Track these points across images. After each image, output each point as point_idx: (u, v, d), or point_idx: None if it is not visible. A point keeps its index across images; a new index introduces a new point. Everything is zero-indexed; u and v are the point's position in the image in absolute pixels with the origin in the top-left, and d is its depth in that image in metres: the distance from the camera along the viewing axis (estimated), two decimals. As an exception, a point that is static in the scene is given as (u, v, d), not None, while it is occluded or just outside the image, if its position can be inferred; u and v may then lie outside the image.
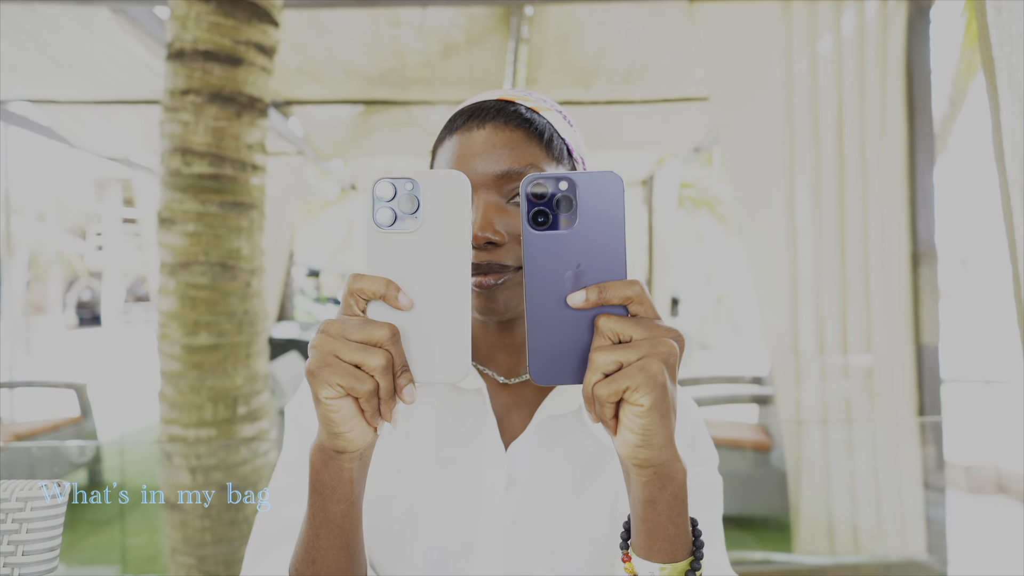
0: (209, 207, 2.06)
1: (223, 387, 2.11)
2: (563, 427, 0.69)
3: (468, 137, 0.65)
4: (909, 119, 2.44)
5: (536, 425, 0.68)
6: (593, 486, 0.68)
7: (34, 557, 0.70)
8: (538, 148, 0.65)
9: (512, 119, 0.64)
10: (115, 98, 3.48)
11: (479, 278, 0.63)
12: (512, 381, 0.71)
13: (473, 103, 0.68)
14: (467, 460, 0.67)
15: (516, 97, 0.68)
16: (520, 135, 0.64)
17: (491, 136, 0.64)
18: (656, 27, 2.74)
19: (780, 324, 2.50)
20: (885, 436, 2.50)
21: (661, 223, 5.63)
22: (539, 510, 0.66)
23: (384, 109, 3.77)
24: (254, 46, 2.12)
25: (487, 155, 0.63)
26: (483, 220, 0.62)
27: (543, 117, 0.67)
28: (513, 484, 0.66)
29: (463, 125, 0.66)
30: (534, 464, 0.67)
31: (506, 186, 0.63)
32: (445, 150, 0.67)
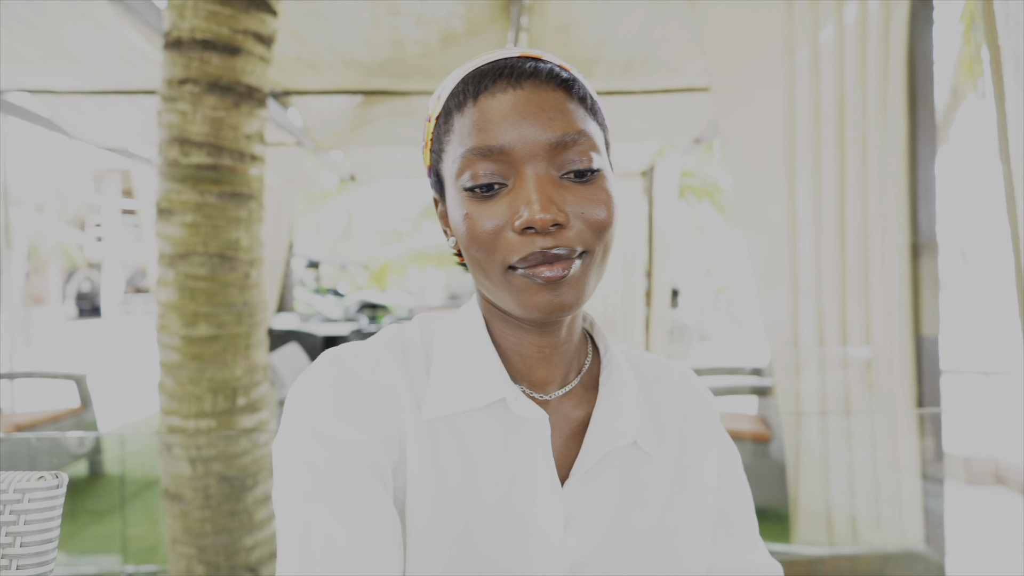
0: (208, 198, 2.05)
1: (223, 378, 2.11)
2: (616, 455, 0.61)
3: (502, 99, 0.52)
4: (911, 110, 2.43)
5: (593, 462, 0.59)
6: (649, 508, 0.61)
7: (32, 548, 0.70)
8: (585, 112, 0.54)
9: (552, 78, 0.53)
10: (113, 88, 3.46)
11: (544, 268, 0.52)
12: (552, 397, 0.61)
13: (492, 61, 0.55)
14: (519, 498, 0.57)
15: (541, 55, 0.56)
16: (563, 96, 0.53)
17: (534, 97, 0.52)
18: (657, 17, 2.73)
19: (780, 315, 2.49)
20: (884, 427, 2.50)
21: (661, 214, 5.62)
22: (600, 549, 0.57)
23: (383, 99, 3.76)
24: (252, 35, 2.10)
25: (534, 119, 0.51)
26: (542, 197, 0.50)
27: (576, 77, 0.56)
28: (571, 523, 0.57)
29: (492, 85, 0.53)
30: (589, 500, 0.58)
31: (559, 156, 0.52)
32: (466, 118, 0.53)
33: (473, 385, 0.58)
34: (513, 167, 0.52)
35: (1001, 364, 8.44)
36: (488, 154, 0.52)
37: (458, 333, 0.62)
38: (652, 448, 0.62)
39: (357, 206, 18.30)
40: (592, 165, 0.53)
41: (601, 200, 0.53)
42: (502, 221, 0.52)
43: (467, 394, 0.58)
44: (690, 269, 16.39)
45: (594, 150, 0.53)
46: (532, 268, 0.52)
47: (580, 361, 0.64)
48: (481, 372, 0.58)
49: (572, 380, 0.63)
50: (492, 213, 0.52)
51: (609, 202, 0.54)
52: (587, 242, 0.53)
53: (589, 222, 0.53)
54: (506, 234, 0.52)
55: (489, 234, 0.52)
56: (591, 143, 0.53)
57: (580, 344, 0.65)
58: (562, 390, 0.62)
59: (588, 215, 0.53)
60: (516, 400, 0.58)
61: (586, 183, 0.53)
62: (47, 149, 19.69)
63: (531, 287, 0.52)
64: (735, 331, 16.13)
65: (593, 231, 0.53)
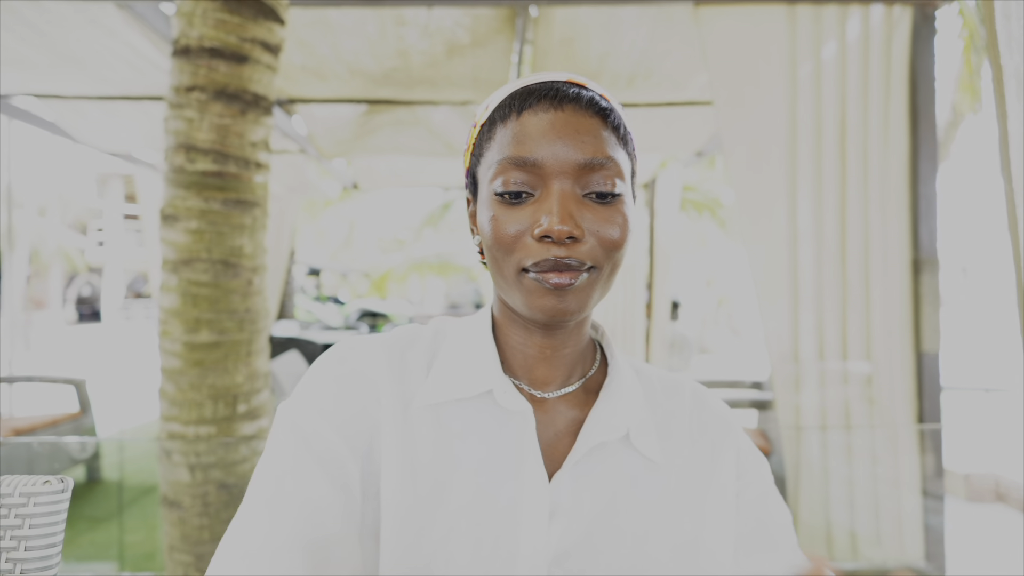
0: (212, 204, 2.06)
1: (223, 385, 2.11)
2: (609, 451, 0.63)
3: (543, 118, 0.57)
4: (912, 126, 2.44)
5: (582, 453, 0.61)
6: (642, 509, 0.62)
7: (36, 553, 0.70)
8: (616, 140, 0.58)
9: (591, 106, 0.58)
10: (119, 94, 3.48)
11: (554, 274, 0.56)
12: (550, 395, 0.64)
13: (540, 82, 0.59)
14: (504, 489, 0.59)
15: (585, 82, 0.61)
16: (599, 123, 0.58)
17: (572, 119, 0.57)
18: (660, 31, 2.74)
19: (780, 329, 2.50)
20: (884, 443, 2.50)
21: (662, 226, 5.63)
22: (584, 543, 0.59)
23: (388, 109, 3.78)
24: (260, 44, 2.12)
25: (568, 140, 0.56)
26: (562, 211, 0.55)
27: (615, 108, 0.60)
28: (556, 515, 0.59)
29: (536, 104, 0.57)
30: (578, 493, 0.60)
31: (584, 177, 0.56)
32: (508, 130, 0.58)
33: (465, 376, 0.62)
34: (542, 180, 0.57)
35: (1002, 381, 8.43)
36: (522, 165, 0.56)
37: (466, 331, 0.66)
38: (651, 451, 0.64)
39: (359, 214, 18.36)
40: (614, 190, 0.57)
41: (617, 222, 0.58)
42: (524, 227, 0.57)
43: (457, 384, 0.62)
44: (691, 281, 16.40)
45: (619, 176, 0.58)
46: (543, 273, 0.56)
47: (585, 367, 0.67)
48: (475, 365, 0.63)
49: (574, 383, 0.66)
50: (516, 219, 0.57)
51: (624, 225, 0.58)
52: (597, 258, 0.57)
53: (602, 240, 0.57)
54: (525, 239, 0.57)
55: (511, 237, 0.57)
56: (617, 169, 0.58)
57: (587, 351, 0.68)
58: (562, 390, 0.65)
59: (602, 234, 0.57)
60: (504, 392, 0.61)
61: (606, 204, 0.58)
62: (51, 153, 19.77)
63: (539, 290, 0.57)
64: (735, 344, 16.11)
65: (605, 249, 0.57)
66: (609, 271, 0.59)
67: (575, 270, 0.56)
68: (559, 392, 0.65)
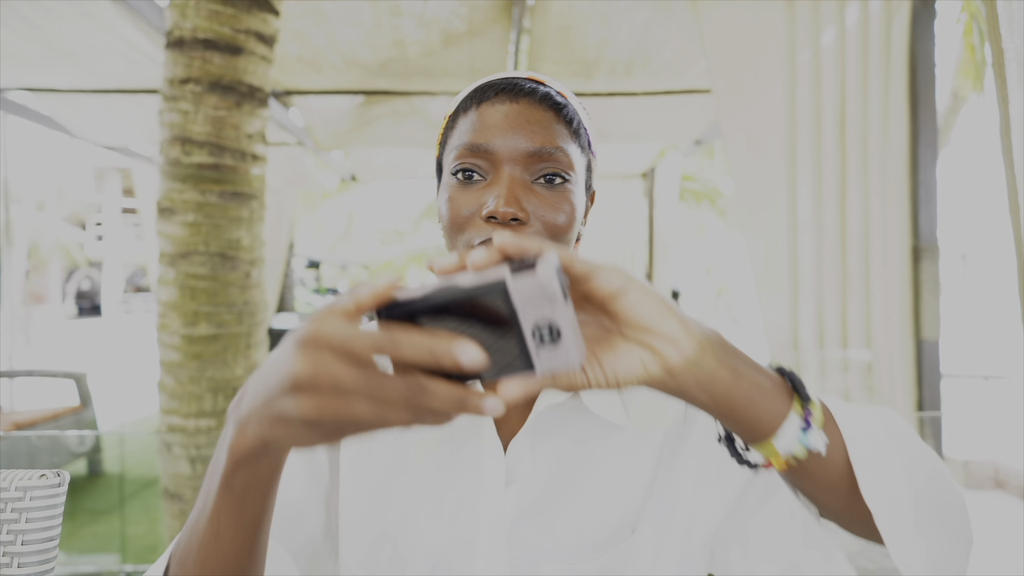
0: (209, 197, 2.05)
1: (223, 377, 2.11)
2: (563, 415, 0.66)
3: (499, 109, 0.62)
4: (912, 112, 2.42)
5: (535, 418, 0.64)
6: (599, 470, 0.65)
7: (33, 547, 0.70)
8: (568, 133, 0.63)
9: (545, 100, 0.62)
10: (115, 87, 3.46)
11: None
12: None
13: (503, 78, 0.65)
14: (463, 460, 0.64)
15: (546, 80, 0.66)
16: (552, 116, 0.62)
17: (525, 112, 0.61)
18: (658, 19, 2.73)
19: (780, 318, 2.49)
20: (884, 430, 2.50)
21: (662, 216, 5.62)
22: (540, 504, 0.63)
23: (385, 99, 3.76)
24: (254, 35, 2.11)
25: (519, 129, 0.60)
26: (508, 194, 0.59)
27: (571, 104, 0.65)
28: (512, 481, 0.63)
29: (494, 96, 0.62)
30: (535, 459, 0.64)
31: (534, 165, 0.61)
32: (469, 119, 0.63)
33: None
34: (494, 165, 0.61)
35: (1002, 368, 8.44)
36: (476, 150, 0.61)
37: None
38: (610, 414, 0.64)
39: (358, 206, 18.32)
40: (562, 174, 0.61)
41: (563, 208, 0.61)
42: (474, 208, 0.61)
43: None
44: (690, 271, 16.40)
45: (568, 167, 0.62)
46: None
47: None
48: None
49: None
50: (468, 200, 0.61)
51: (571, 212, 0.62)
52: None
53: (547, 224, 0.61)
54: (475, 219, 0.61)
55: (462, 217, 0.61)
56: (567, 160, 0.62)
57: None
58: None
59: (547, 218, 0.61)
60: None
61: (553, 191, 0.61)
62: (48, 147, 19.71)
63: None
64: (735, 333, 16.13)
65: (550, 233, 0.61)
66: None
67: None
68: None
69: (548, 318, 0.38)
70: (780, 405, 0.47)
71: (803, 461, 0.48)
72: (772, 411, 0.47)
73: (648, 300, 0.44)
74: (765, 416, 0.47)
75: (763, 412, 0.47)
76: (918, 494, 0.50)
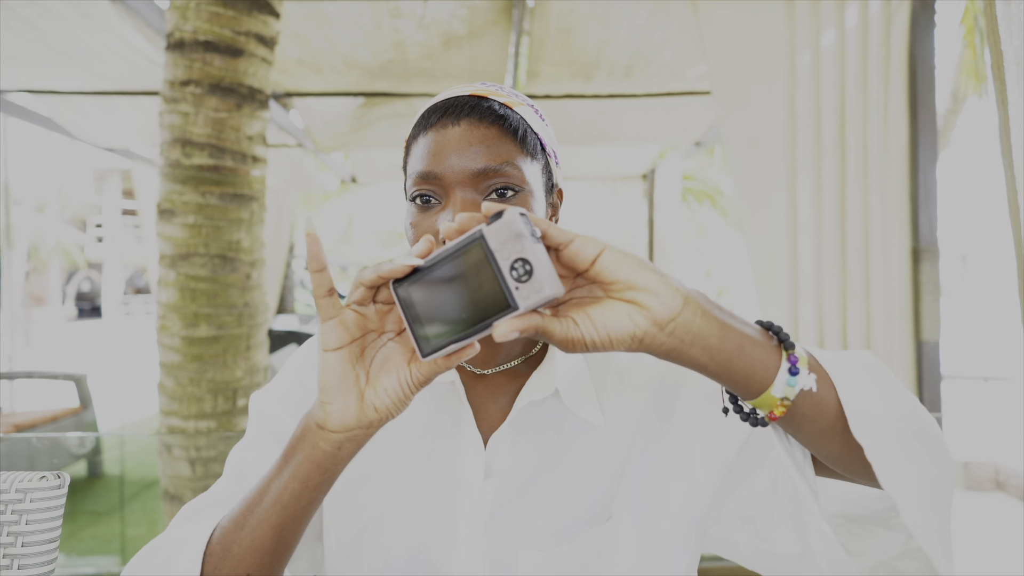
0: (209, 199, 2.06)
1: (223, 379, 2.11)
2: (543, 412, 0.69)
3: (443, 134, 0.64)
4: (912, 114, 2.43)
5: (516, 415, 0.68)
6: (575, 465, 0.68)
7: (34, 548, 0.70)
8: (513, 144, 0.64)
9: (487, 115, 0.64)
10: (115, 89, 3.46)
11: None
12: (488, 372, 0.71)
13: (446, 99, 0.67)
14: (445, 453, 0.68)
15: (488, 92, 0.67)
16: (495, 131, 0.64)
17: (466, 133, 0.63)
18: (658, 20, 2.73)
19: (780, 318, 2.49)
20: (884, 432, 2.50)
21: (662, 217, 5.62)
22: (518, 496, 0.66)
23: (385, 101, 3.76)
24: (254, 37, 2.11)
25: (463, 152, 0.63)
26: (459, 213, 0.60)
27: (516, 112, 0.66)
28: (491, 474, 0.67)
29: (437, 122, 0.65)
30: (515, 453, 0.68)
31: (482, 183, 0.63)
32: (419, 146, 0.66)
33: None
34: (445, 189, 0.64)
35: (1002, 369, 8.44)
36: (427, 178, 0.64)
37: None
38: (587, 413, 0.68)
39: (358, 208, 18.31)
40: (511, 186, 0.63)
41: None
42: (432, 231, 0.63)
43: None
44: (691, 272, 16.40)
45: (517, 179, 0.64)
46: None
47: (527, 346, 0.73)
48: None
49: (515, 359, 0.72)
50: (426, 224, 0.64)
51: None
52: None
53: None
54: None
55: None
56: (515, 173, 0.64)
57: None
58: (502, 367, 0.71)
59: None
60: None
61: (506, 202, 0.63)
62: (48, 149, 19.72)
63: None
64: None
65: None
66: None
67: None
68: (498, 369, 0.71)
69: (519, 254, 0.44)
70: (771, 353, 0.50)
71: (799, 404, 0.51)
72: (765, 360, 0.50)
73: (625, 259, 0.48)
74: (760, 365, 0.50)
75: (757, 361, 0.49)
76: (899, 424, 0.53)
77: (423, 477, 0.68)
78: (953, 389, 6.65)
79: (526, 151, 0.65)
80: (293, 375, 0.75)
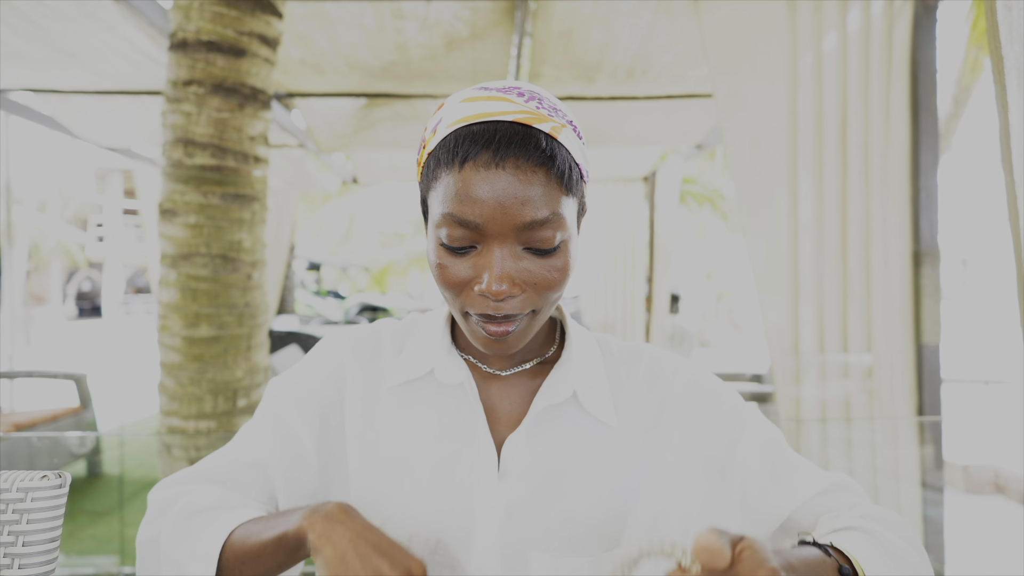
0: (211, 199, 2.06)
1: (223, 379, 2.11)
2: (559, 414, 0.69)
3: (483, 176, 0.57)
4: (913, 118, 2.43)
5: (532, 418, 0.68)
6: (591, 469, 0.68)
7: (35, 548, 0.70)
8: (558, 189, 0.59)
9: (533, 155, 0.57)
10: (117, 88, 3.47)
11: (492, 327, 0.62)
12: (505, 373, 0.71)
13: (485, 123, 0.59)
14: (461, 452, 0.68)
15: (531, 116, 0.59)
16: (542, 176, 0.58)
17: (512, 181, 0.57)
18: (660, 23, 2.73)
19: (780, 322, 2.49)
20: (884, 435, 2.50)
21: (662, 219, 5.62)
22: (533, 499, 0.66)
23: (387, 102, 3.76)
24: (257, 37, 2.11)
25: (507, 203, 0.57)
26: (501, 273, 0.58)
27: (562, 145, 0.60)
28: (507, 475, 0.67)
29: (477, 157, 0.57)
30: (531, 455, 0.68)
31: (525, 234, 0.59)
32: (451, 180, 0.59)
33: (418, 359, 0.72)
34: (483, 237, 0.59)
35: (1002, 373, 8.43)
36: (464, 224, 0.59)
37: (433, 322, 0.75)
38: (603, 415, 0.69)
39: (359, 208, 18.32)
40: (554, 243, 0.60)
41: (556, 269, 0.62)
42: (466, 277, 0.61)
43: (411, 367, 0.72)
44: (691, 275, 16.40)
45: (560, 228, 0.60)
46: (484, 322, 0.62)
47: (543, 349, 0.74)
48: (428, 349, 0.72)
49: (530, 361, 0.72)
50: (460, 268, 0.61)
51: (564, 270, 0.62)
52: (535, 304, 0.62)
53: (539, 288, 0.61)
54: (468, 288, 0.62)
55: (455, 284, 0.62)
56: (559, 223, 0.60)
57: (544, 335, 0.74)
58: (518, 368, 0.72)
59: (540, 285, 0.61)
60: (443, 369, 0.70)
61: (546, 256, 0.61)
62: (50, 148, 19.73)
63: (480, 333, 0.63)
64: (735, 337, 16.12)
65: (541, 295, 0.62)
66: (549, 306, 0.65)
67: (512, 321, 0.62)
68: (515, 370, 0.72)
69: None
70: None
71: None
72: None
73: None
74: None
75: None
76: None
77: (439, 477, 0.68)
78: (953, 392, 6.65)
79: (571, 192, 0.61)
80: (306, 370, 0.75)
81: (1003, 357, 10.35)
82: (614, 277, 6.00)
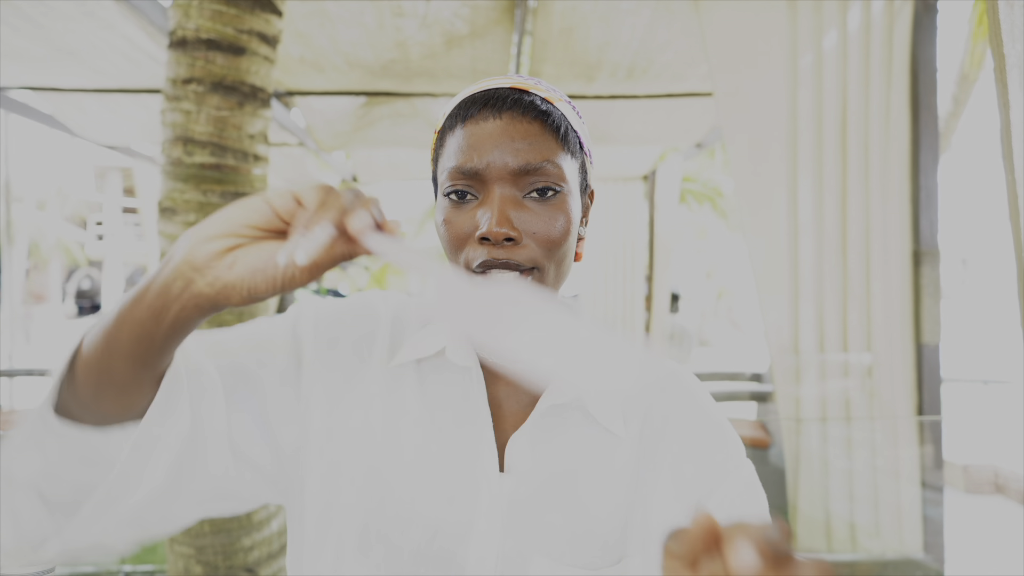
0: (211, 197, 2.06)
1: (223, 377, 2.11)
2: (565, 416, 0.68)
3: (483, 127, 0.61)
4: (913, 117, 2.43)
5: (537, 415, 0.67)
6: (597, 476, 0.67)
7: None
8: (555, 142, 0.62)
9: (529, 110, 0.62)
10: (117, 86, 3.46)
11: (496, 271, 0.61)
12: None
13: (485, 89, 0.64)
14: (464, 441, 0.67)
15: (529, 86, 0.65)
16: (537, 128, 0.62)
17: (508, 128, 0.61)
18: (660, 21, 2.73)
19: (780, 321, 2.49)
20: (884, 435, 2.50)
21: (662, 218, 5.62)
22: (536, 498, 0.65)
23: (387, 101, 3.76)
24: (257, 35, 2.11)
25: (505, 147, 0.60)
26: (500, 215, 0.59)
27: (558, 108, 0.64)
28: (510, 471, 0.65)
29: (477, 113, 0.62)
30: (534, 455, 0.66)
31: (523, 180, 0.61)
32: (456, 139, 0.63)
33: (431, 339, 0.69)
34: (484, 184, 0.61)
35: (1002, 372, 8.44)
36: (465, 173, 0.61)
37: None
38: (610, 422, 0.67)
39: (358, 207, 18.28)
40: (552, 186, 0.62)
41: (557, 220, 0.62)
42: (469, 228, 0.62)
43: (423, 346, 0.69)
44: (691, 274, 16.40)
45: (558, 178, 0.62)
46: (486, 273, 0.61)
47: None
48: (438, 330, 0.70)
49: None
50: (462, 220, 0.62)
51: (566, 222, 0.63)
52: (537, 260, 0.62)
53: (540, 239, 0.62)
54: (471, 240, 0.62)
55: (457, 238, 0.63)
56: (556, 171, 0.62)
57: None
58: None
59: (540, 234, 0.62)
60: (455, 350, 0.68)
61: (546, 203, 0.62)
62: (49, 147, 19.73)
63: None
64: (735, 336, 16.13)
65: (543, 248, 0.62)
66: (554, 270, 0.64)
67: (514, 270, 0.61)
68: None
69: None
70: None
71: None
72: None
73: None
74: None
75: None
76: None
77: (443, 462, 0.66)
78: (953, 392, 6.65)
79: (567, 149, 0.64)
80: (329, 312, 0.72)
81: (1003, 357, 10.36)
82: (614, 276, 6.00)
